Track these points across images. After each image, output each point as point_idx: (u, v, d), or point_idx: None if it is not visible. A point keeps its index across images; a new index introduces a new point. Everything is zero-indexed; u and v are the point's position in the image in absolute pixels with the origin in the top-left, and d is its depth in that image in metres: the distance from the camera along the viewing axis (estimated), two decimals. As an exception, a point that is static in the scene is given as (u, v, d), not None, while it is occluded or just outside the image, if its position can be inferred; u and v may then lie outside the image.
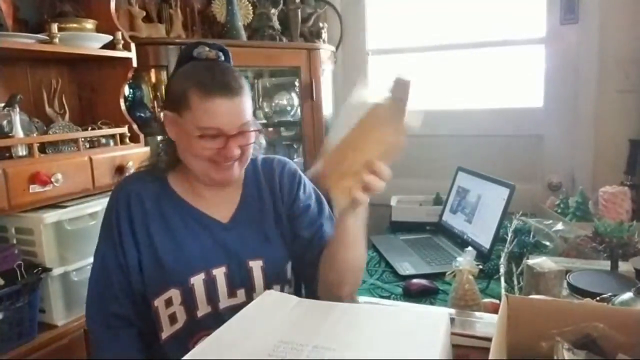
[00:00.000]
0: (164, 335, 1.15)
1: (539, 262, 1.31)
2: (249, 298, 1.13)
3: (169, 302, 1.14)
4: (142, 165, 1.29)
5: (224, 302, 1.16)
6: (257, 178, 1.27)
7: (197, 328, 1.14)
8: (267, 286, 1.18)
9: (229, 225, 1.20)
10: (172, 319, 1.14)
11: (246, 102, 1.12)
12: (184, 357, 0.75)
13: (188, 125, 1.10)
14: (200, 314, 1.15)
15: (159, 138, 1.32)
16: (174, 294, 1.14)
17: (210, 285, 1.15)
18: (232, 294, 1.16)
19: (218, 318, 1.09)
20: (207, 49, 1.16)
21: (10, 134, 1.67)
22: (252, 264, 1.18)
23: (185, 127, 1.11)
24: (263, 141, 1.33)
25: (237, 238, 1.19)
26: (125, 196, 1.18)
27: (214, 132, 1.09)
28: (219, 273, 1.16)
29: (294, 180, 1.28)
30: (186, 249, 1.16)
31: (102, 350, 1.16)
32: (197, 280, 1.14)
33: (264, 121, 2.79)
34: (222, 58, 1.18)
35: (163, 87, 2.36)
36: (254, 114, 2.79)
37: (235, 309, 0.95)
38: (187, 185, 1.22)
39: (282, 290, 1.21)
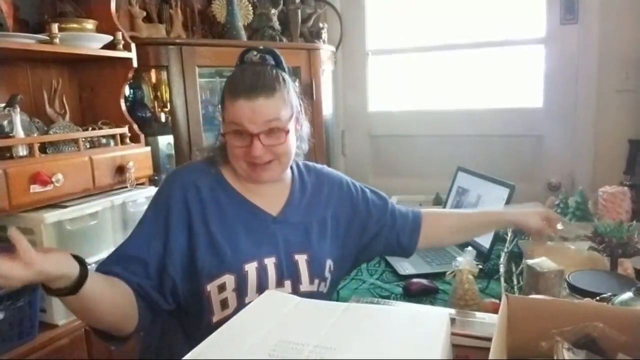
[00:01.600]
0: (215, 319, 1.17)
1: (539, 261, 1.31)
2: (295, 288, 1.20)
3: (222, 288, 1.17)
4: (198, 157, 1.34)
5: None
6: (303, 179, 1.35)
7: None
8: (311, 279, 1.24)
9: (279, 219, 1.26)
10: (224, 304, 1.17)
11: (274, 102, 1.17)
12: (185, 357, 0.75)
13: (224, 123, 1.19)
14: (248, 300, 1.16)
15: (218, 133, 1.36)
16: (229, 279, 1.17)
17: (262, 273, 1.18)
18: (280, 283, 1.20)
19: None
20: (254, 53, 1.23)
21: (11, 134, 1.68)
22: (297, 257, 1.23)
23: (223, 123, 1.20)
24: (305, 146, 1.36)
25: (285, 231, 1.25)
26: (181, 186, 1.22)
27: (238, 129, 1.16)
28: (270, 263, 1.20)
29: (356, 191, 1.40)
30: (240, 238, 1.20)
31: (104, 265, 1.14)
32: (251, 268, 1.18)
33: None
34: (272, 62, 1.24)
35: (163, 87, 2.37)
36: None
37: None
38: (240, 178, 1.27)
39: (319, 286, 1.25)
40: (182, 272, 1.17)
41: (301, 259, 1.24)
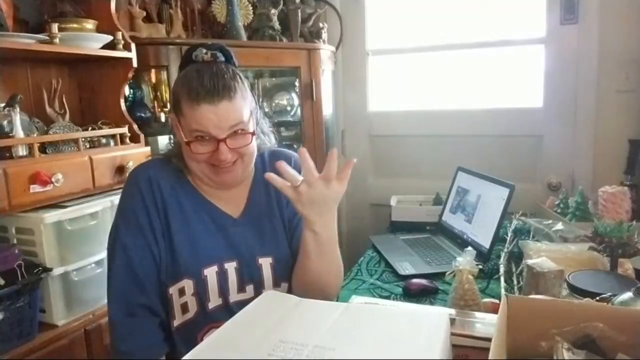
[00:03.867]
0: (175, 323, 1.16)
1: (539, 262, 1.31)
2: (258, 294, 1.12)
3: (182, 292, 1.15)
4: (159, 154, 1.31)
5: (234, 296, 1.18)
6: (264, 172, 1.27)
7: (207, 320, 1.15)
8: (276, 283, 1.20)
9: (239, 221, 1.22)
10: (184, 308, 1.15)
11: (237, 104, 1.12)
12: (184, 357, 0.75)
13: (183, 130, 1.13)
14: (211, 305, 1.16)
15: (169, 138, 1.35)
16: (187, 284, 1.15)
17: (222, 278, 1.16)
18: (241, 289, 1.18)
19: (228, 311, 1.12)
20: (204, 51, 1.16)
21: (11, 134, 1.67)
22: (261, 260, 1.20)
23: (181, 131, 1.13)
24: (273, 139, 1.33)
25: (247, 234, 1.21)
26: (147, 181, 1.18)
27: (202, 135, 1.11)
28: (230, 267, 1.18)
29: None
30: (200, 242, 1.17)
31: (127, 339, 1.14)
32: (210, 272, 1.16)
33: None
34: (222, 59, 1.18)
35: (163, 87, 2.36)
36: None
37: (244, 303, 0.97)
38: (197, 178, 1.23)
39: (289, 287, 1.22)
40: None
41: (265, 263, 1.20)
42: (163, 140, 2.25)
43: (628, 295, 1.00)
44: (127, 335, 1.14)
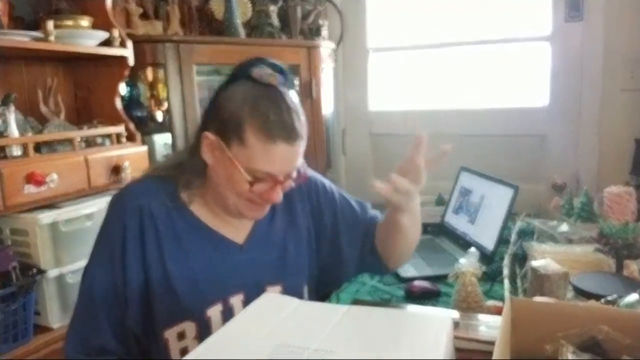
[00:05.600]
0: None
1: (543, 263, 1.29)
2: None
3: (181, 335, 1.05)
4: (154, 171, 1.15)
5: None
6: None
7: None
8: None
9: (245, 247, 1.11)
10: (184, 353, 1.02)
11: (304, 145, 1.03)
12: (184, 358, 0.74)
13: (238, 163, 0.98)
14: None
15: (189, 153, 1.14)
16: (189, 327, 1.05)
17: (229, 316, 1.01)
18: None
19: None
20: (269, 71, 1.02)
21: (5, 134, 1.67)
22: (270, 289, 1.10)
23: (233, 163, 0.99)
24: None
25: (254, 261, 1.11)
26: (136, 211, 1.04)
27: (265, 177, 1.00)
28: (237, 302, 1.07)
29: (326, 193, 1.23)
30: (201, 277, 1.06)
31: None
32: (214, 312, 1.05)
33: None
34: (284, 80, 1.05)
35: (160, 86, 2.35)
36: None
37: None
38: (200, 201, 1.10)
39: None
40: (141, 317, 1.05)
41: (274, 291, 1.10)
42: (160, 140, 2.23)
43: (634, 297, 1.00)
44: None
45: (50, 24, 1.74)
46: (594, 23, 2.46)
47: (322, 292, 1.30)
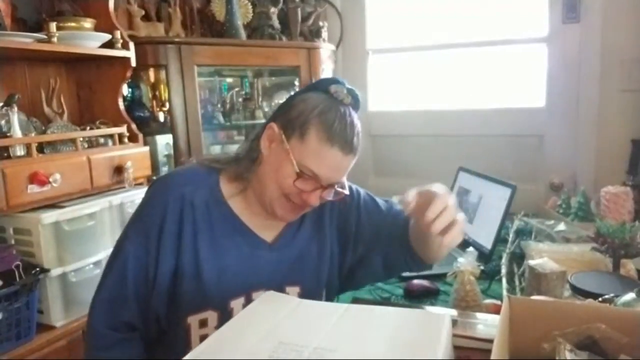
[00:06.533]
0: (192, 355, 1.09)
1: (541, 262, 1.30)
2: None
3: (203, 323, 1.08)
4: (203, 161, 1.19)
5: None
6: None
7: None
8: None
9: (275, 246, 1.15)
10: (203, 339, 1.00)
11: (353, 162, 1.08)
12: (184, 358, 0.74)
13: (292, 155, 1.04)
14: None
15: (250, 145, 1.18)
16: (211, 315, 1.08)
17: None
18: None
19: None
20: (345, 90, 1.09)
21: (8, 134, 1.67)
22: (288, 289, 1.13)
23: (287, 154, 1.04)
24: None
25: (279, 261, 1.14)
26: (179, 199, 1.08)
27: (311, 176, 1.04)
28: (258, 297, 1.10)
29: (351, 195, 1.23)
30: (229, 270, 1.09)
31: (108, 351, 1.09)
32: (237, 305, 1.08)
33: (263, 121, 2.78)
34: (354, 104, 1.11)
35: (162, 87, 2.35)
36: (253, 114, 2.79)
37: None
38: (240, 197, 1.14)
39: None
40: (167, 300, 1.08)
41: (292, 292, 1.13)
42: (162, 140, 2.24)
43: (631, 296, 1.00)
44: (108, 348, 1.09)
45: (53, 26, 1.74)
46: (591, 24, 2.47)
47: (345, 291, 1.34)
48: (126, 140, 2.05)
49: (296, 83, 2.79)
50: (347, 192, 1.13)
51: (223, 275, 1.08)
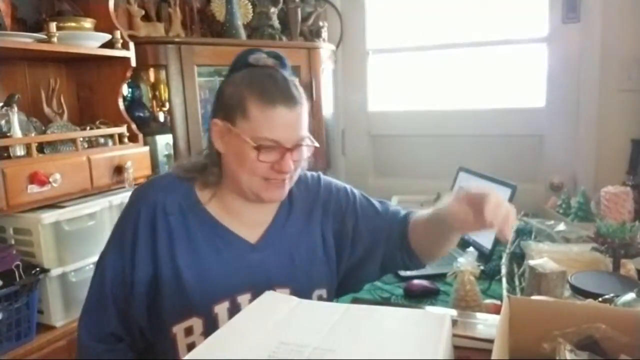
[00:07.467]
0: None
1: (541, 262, 1.30)
2: None
3: (189, 331, 1.06)
4: (177, 171, 1.17)
5: None
6: (292, 196, 1.18)
7: None
8: None
9: (258, 247, 1.13)
10: (191, 348, 1.02)
11: (305, 113, 1.07)
12: (184, 358, 0.74)
13: (244, 136, 1.03)
14: None
15: (204, 149, 1.18)
16: (196, 323, 1.06)
17: (235, 314, 1.03)
18: None
19: None
20: (264, 55, 1.09)
21: (8, 134, 1.67)
22: (279, 291, 1.07)
23: (239, 137, 1.03)
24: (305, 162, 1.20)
25: (265, 261, 1.12)
26: (150, 208, 1.08)
27: (271, 144, 1.03)
28: (244, 301, 1.08)
29: (347, 199, 1.23)
30: (210, 274, 1.08)
31: None
32: (221, 310, 1.07)
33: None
34: (281, 65, 1.11)
35: (162, 87, 2.35)
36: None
37: None
38: (217, 200, 1.13)
39: None
40: (147, 312, 1.08)
41: (282, 293, 1.09)
42: (162, 140, 2.24)
43: (631, 296, 1.00)
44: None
45: (53, 26, 1.74)
46: (591, 24, 2.47)
47: (342, 295, 1.30)
48: (126, 140, 2.04)
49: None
50: (317, 144, 1.11)
51: (204, 280, 1.07)
